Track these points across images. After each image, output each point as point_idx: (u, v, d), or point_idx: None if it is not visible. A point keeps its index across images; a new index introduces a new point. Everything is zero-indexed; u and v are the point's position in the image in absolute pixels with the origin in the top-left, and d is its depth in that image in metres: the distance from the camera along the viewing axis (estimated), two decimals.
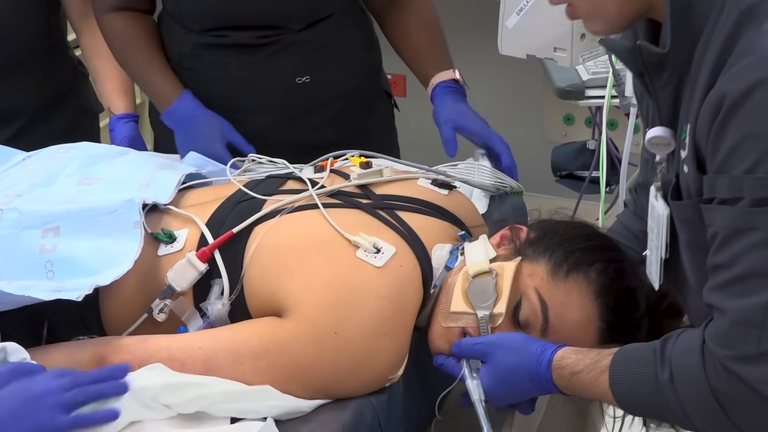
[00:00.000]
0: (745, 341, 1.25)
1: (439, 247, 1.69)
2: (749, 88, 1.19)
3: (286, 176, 1.82)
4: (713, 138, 1.25)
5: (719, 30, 1.26)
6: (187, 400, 1.48)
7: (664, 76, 1.36)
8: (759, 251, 1.23)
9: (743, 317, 1.25)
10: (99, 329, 1.67)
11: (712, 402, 1.30)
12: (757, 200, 1.22)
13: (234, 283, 1.62)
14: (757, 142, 1.20)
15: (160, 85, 2.19)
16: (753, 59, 1.20)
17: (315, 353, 1.53)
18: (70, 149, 1.91)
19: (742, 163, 1.22)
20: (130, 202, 1.67)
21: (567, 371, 1.48)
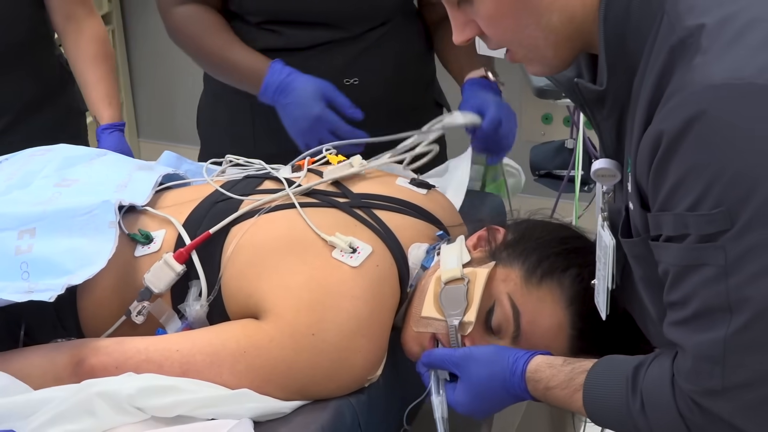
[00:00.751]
0: (709, 377, 1.24)
1: (415, 246, 1.69)
2: (685, 125, 1.18)
3: (263, 176, 1.81)
4: (653, 176, 1.24)
5: (653, 64, 1.25)
6: (166, 405, 1.48)
7: (605, 111, 1.35)
8: (711, 287, 1.22)
9: (703, 354, 1.25)
10: (77, 331, 1.67)
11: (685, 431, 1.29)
12: (703, 236, 1.21)
13: (212, 285, 1.62)
14: (697, 178, 1.19)
15: (245, 64, 2.13)
16: (685, 95, 1.19)
17: (293, 355, 1.53)
18: (47, 151, 1.90)
19: (684, 201, 1.21)
20: (106, 203, 1.67)
21: (541, 385, 1.47)
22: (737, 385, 1.23)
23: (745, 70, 1.16)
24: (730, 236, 1.18)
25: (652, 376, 1.33)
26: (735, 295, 1.20)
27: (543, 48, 1.34)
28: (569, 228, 1.69)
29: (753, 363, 1.22)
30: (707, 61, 1.19)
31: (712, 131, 1.17)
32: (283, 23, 2.11)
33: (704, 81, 1.18)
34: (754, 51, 1.18)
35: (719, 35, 1.20)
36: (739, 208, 1.17)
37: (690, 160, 1.19)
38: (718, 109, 1.17)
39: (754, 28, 1.20)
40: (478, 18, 1.34)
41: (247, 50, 2.14)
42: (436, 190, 1.88)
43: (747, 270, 1.19)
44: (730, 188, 1.17)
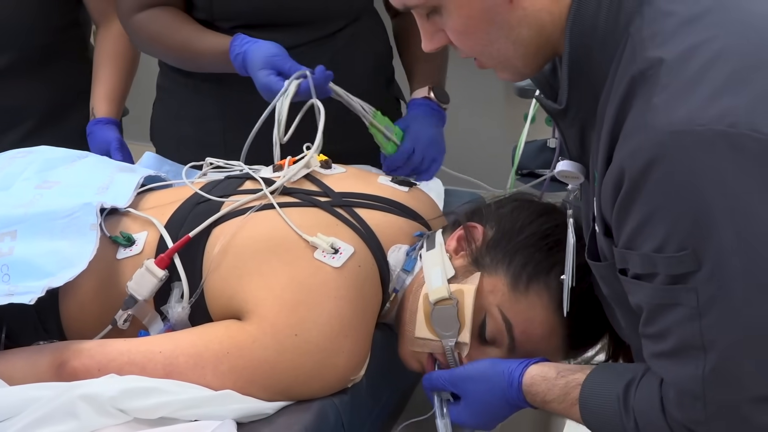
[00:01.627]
0: (692, 409, 1.26)
1: (395, 248, 1.68)
2: (646, 168, 1.19)
3: (244, 177, 1.81)
4: (617, 214, 1.25)
5: (616, 88, 1.26)
6: (149, 407, 1.48)
7: (567, 120, 1.36)
8: (686, 326, 1.23)
9: (684, 388, 1.26)
10: (59, 334, 1.66)
11: None
12: (672, 276, 1.22)
13: (194, 286, 1.62)
14: (660, 222, 1.20)
15: (208, 46, 2.07)
16: (645, 138, 1.19)
17: (275, 356, 1.52)
18: (28, 153, 1.89)
19: (649, 243, 1.22)
20: (88, 205, 1.66)
21: (539, 398, 1.49)
22: (719, 418, 1.25)
23: (705, 116, 1.17)
24: (701, 279, 1.20)
25: (642, 396, 1.35)
26: (709, 335, 1.21)
27: (513, 59, 1.35)
28: (550, 213, 1.66)
29: (730, 394, 1.23)
30: (668, 102, 1.19)
31: (672, 177, 1.18)
32: (256, 27, 2.07)
33: (665, 125, 1.18)
34: (716, 93, 1.18)
35: (680, 72, 1.20)
36: (704, 251, 1.19)
37: (652, 203, 1.20)
38: (679, 155, 1.17)
39: (717, 64, 1.20)
40: (447, 30, 1.35)
41: (209, 36, 2.09)
42: (418, 188, 1.88)
43: (717, 313, 1.20)
44: (693, 232, 1.19)
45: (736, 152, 1.16)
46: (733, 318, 1.20)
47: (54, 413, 1.45)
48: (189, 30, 2.10)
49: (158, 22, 2.11)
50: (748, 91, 1.18)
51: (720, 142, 1.16)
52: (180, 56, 2.13)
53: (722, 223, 1.17)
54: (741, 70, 1.20)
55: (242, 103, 2.08)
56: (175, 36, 2.10)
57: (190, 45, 2.09)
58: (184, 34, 2.09)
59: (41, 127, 2.31)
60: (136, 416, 1.48)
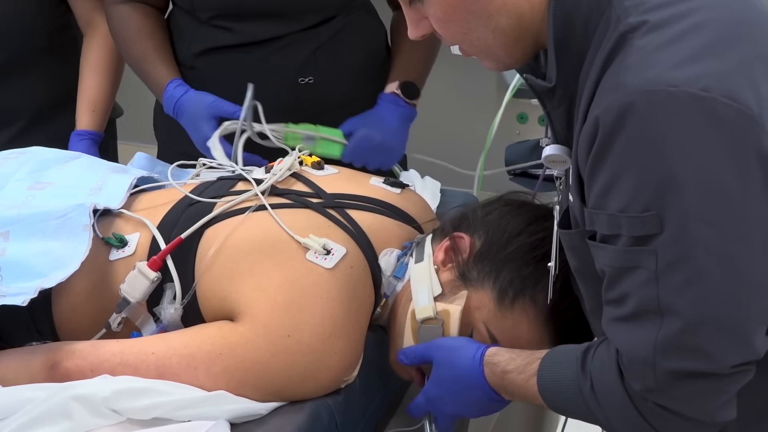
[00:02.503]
0: (643, 377, 1.27)
1: (387, 251, 1.68)
2: (618, 122, 1.19)
3: (237, 177, 1.81)
4: (590, 168, 1.25)
5: (599, 57, 1.26)
6: (142, 407, 1.47)
7: (554, 101, 1.37)
8: (644, 289, 1.23)
9: (636, 355, 1.26)
10: (52, 335, 1.66)
11: (635, 414, 1.31)
12: (635, 238, 1.22)
13: (186, 287, 1.62)
14: (628, 180, 1.20)
15: (153, 74, 2.13)
16: (620, 94, 1.19)
17: (268, 356, 1.52)
18: (21, 154, 1.89)
19: (616, 201, 1.22)
20: (81, 206, 1.66)
21: (499, 368, 1.49)
22: (669, 386, 1.25)
23: (678, 77, 1.17)
24: (662, 242, 1.20)
25: (600, 358, 1.35)
26: (665, 301, 1.21)
27: (494, 47, 1.36)
28: (539, 220, 1.64)
29: (679, 366, 1.23)
30: (643, 61, 1.19)
31: (641, 136, 1.18)
32: (233, 18, 2.08)
33: (638, 83, 1.18)
34: (692, 57, 1.18)
35: (659, 34, 1.21)
36: (668, 214, 1.18)
37: (620, 161, 1.20)
38: (649, 114, 1.17)
39: (697, 31, 1.20)
40: (429, 17, 1.36)
41: (159, 62, 2.13)
42: (410, 189, 1.89)
43: (675, 278, 1.20)
44: (657, 193, 1.18)
45: (707, 117, 1.16)
46: (690, 285, 1.20)
47: (47, 414, 1.45)
48: (149, 47, 2.13)
49: (130, 25, 2.14)
50: (726, 59, 1.19)
51: (691, 105, 1.16)
52: (134, 68, 2.18)
53: (687, 188, 1.17)
54: (720, 40, 1.20)
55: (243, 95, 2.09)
56: (135, 47, 2.14)
57: (142, 64, 2.14)
58: (142, 49, 2.13)
59: (30, 128, 2.31)
60: (130, 417, 1.48)
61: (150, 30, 2.15)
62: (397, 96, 2.12)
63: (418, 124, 2.14)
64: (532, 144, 2.95)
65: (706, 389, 1.25)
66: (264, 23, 2.07)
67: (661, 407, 1.27)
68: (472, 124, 3.41)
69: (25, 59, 2.27)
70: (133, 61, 2.17)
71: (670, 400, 1.27)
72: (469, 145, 2.41)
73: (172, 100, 2.08)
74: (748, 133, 1.16)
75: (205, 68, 2.13)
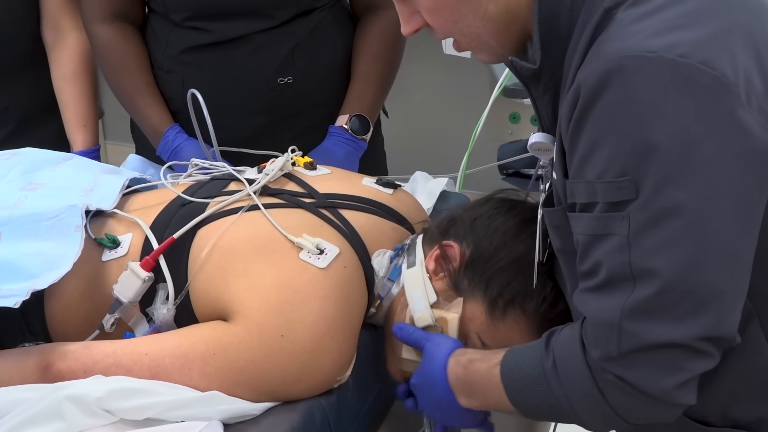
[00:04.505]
0: (606, 343, 1.26)
1: (380, 252, 1.68)
2: (598, 89, 1.20)
3: (229, 178, 1.81)
4: (570, 138, 1.26)
5: (585, 37, 1.28)
6: (135, 407, 1.48)
7: (540, 87, 1.37)
8: (616, 256, 1.23)
9: (602, 319, 1.26)
10: (45, 335, 1.66)
11: (594, 390, 1.30)
12: (609, 204, 1.23)
13: (179, 288, 1.62)
14: (605, 146, 1.21)
15: (148, 115, 2.15)
16: (597, 63, 1.21)
17: (262, 356, 1.52)
18: (13, 155, 1.89)
19: (595, 168, 1.23)
20: (73, 207, 1.66)
21: (465, 357, 1.50)
22: (630, 354, 1.25)
23: (655, 44, 1.18)
24: (635, 206, 1.20)
25: (563, 335, 1.36)
26: (637, 266, 1.22)
27: (484, 37, 1.37)
28: (528, 222, 1.61)
29: (644, 332, 1.23)
30: (622, 31, 1.21)
31: (618, 101, 1.19)
32: (207, 17, 2.08)
33: (617, 50, 1.20)
34: (669, 26, 1.20)
35: (642, 6, 1.23)
36: (642, 179, 1.19)
37: (599, 125, 1.21)
38: (627, 79, 1.19)
39: (676, 4, 1.22)
40: (420, 8, 1.37)
41: (154, 102, 2.15)
42: (402, 189, 1.89)
43: (646, 243, 1.21)
44: (634, 158, 1.19)
45: (683, 82, 1.17)
46: (661, 250, 1.20)
47: (40, 414, 1.45)
48: (141, 83, 2.16)
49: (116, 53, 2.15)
50: (703, 29, 1.20)
51: (669, 70, 1.17)
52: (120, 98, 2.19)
53: (662, 152, 1.18)
54: (698, 11, 1.22)
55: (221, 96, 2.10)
56: (125, 80, 2.16)
57: (133, 99, 2.16)
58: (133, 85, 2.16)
59: (19, 131, 2.29)
60: (123, 417, 1.48)
61: (137, 62, 2.16)
62: (344, 130, 2.15)
63: (411, 124, 2.15)
64: (525, 144, 2.95)
65: (665, 361, 1.24)
66: (238, 21, 2.08)
67: (620, 379, 1.27)
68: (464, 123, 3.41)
69: (11, 63, 2.26)
70: (122, 92, 2.18)
71: (629, 370, 1.26)
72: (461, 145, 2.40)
73: (170, 145, 2.11)
74: (724, 100, 1.17)
75: (183, 70, 2.14)
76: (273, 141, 2.08)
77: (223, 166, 1.85)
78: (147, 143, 2.20)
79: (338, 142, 2.13)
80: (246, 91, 2.11)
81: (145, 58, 2.17)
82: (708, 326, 1.22)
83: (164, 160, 2.10)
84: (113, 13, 2.14)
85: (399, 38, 2.23)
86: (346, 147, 2.13)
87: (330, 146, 2.13)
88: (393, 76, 2.24)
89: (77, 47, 2.27)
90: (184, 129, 2.13)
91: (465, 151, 2.20)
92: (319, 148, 2.12)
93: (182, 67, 2.13)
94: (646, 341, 1.23)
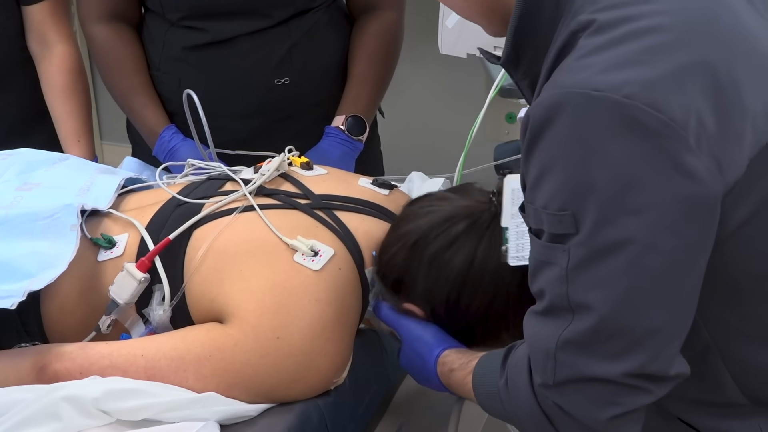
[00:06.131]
0: (544, 371, 1.27)
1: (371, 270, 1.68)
2: (541, 125, 1.18)
3: (225, 178, 1.81)
4: (522, 167, 1.26)
5: (554, 50, 1.26)
6: (132, 408, 1.48)
7: (519, 73, 1.36)
8: (556, 286, 1.23)
9: (540, 346, 1.27)
10: (41, 336, 1.66)
11: (539, 412, 1.31)
12: (554, 235, 1.22)
13: (175, 289, 1.61)
14: (550, 178, 1.20)
15: (144, 116, 2.16)
16: (547, 95, 1.19)
17: (257, 358, 1.52)
18: (8, 155, 1.88)
19: (540, 198, 1.22)
20: (69, 207, 1.66)
21: (446, 368, 1.52)
22: (564, 385, 1.25)
23: (603, 82, 1.15)
24: (575, 242, 1.19)
25: (518, 354, 1.36)
26: (574, 299, 1.21)
27: (475, 16, 1.37)
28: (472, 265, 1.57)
29: (576, 364, 1.23)
30: (577, 63, 1.18)
31: (561, 137, 1.17)
32: (203, 17, 2.08)
33: (567, 84, 1.17)
34: (623, 62, 1.16)
35: (599, 36, 1.19)
36: (582, 216, 1.18)
37: (544, 159, 1.20)
38: (571, 116, 1.16)
39: (638, 36, 1.18)
40: None
41: (150, 103, 2.16)
42: (398, 190, 1.88)
43: (584, 278, 1.20)
44: (575, 194, 1.18)
45: (627, 123, 1.14)
46: (596, 288, 1.20)
47: (36, 415, 1.45)
48: (137, 83, 2.16)
49: (113, 52, 2.15)
50: (658, 66, 1.16)
51: (612, 111, 1.14)
52: (116, 98, 2.19)
53: (601, 192, 1.16)
54: (659, 45, 1.17)
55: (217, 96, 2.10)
56: (122, 80, 2.16)
57: (129, 100, 2.16)
58: (129, 85, 2.16)
59: (8, 140, 2.27)
60: (119, 418, 1.48)
61: (134, 63, 2.16)
62: (341, 131, 2.15)
63: (407, 124, 2.15)
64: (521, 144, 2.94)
65: (595, 395, 1.24)
66: (234, 21, 2.08)
67: (558, 407, 1.27)
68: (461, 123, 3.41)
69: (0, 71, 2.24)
70: (118, 92, 2.18)
71: (564, 400, 1.26)
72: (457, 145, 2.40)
73: (166, 146, 2.12)
74: (668, 144, 1.14)
75: (179, 71, 2.13)
76: (269, 141, 2.08)
77: (219, 167, 1.85)
78: (143, 144, 2.20)
79: (334, 142, 2.13)
80: (242, 92, 2.10)
81: (142, 58, 2.17)
82: (638, 365, 1.21)
83: (160, 160, 2.10)
84: (110, 14, 2.14)
85: (395, 39, 2.23)
86: (342, 148, 2.13)
87: (326, 147, 2.13)
88: (389, 76, 2.24)
89: (65, 60, 2.24)
90: (181, 129, 2.13)
91: (461, 152, 2.20)
92: (315, 149, 2.12)
93: (178, 68, 2.13)
94: (577, 374, 1.23)
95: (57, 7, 2.23)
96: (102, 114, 3.90)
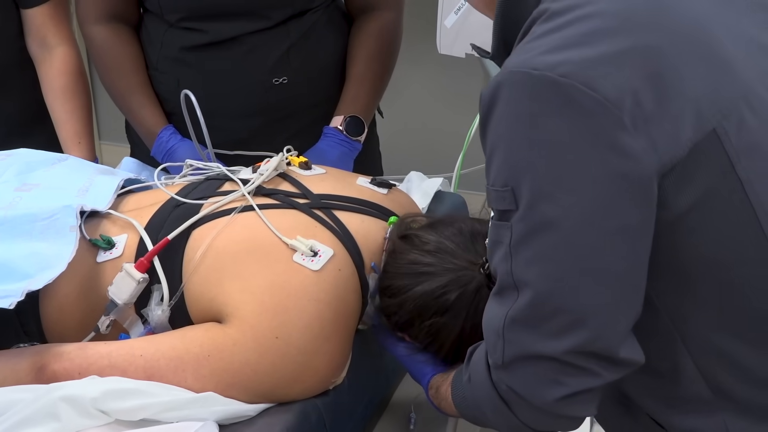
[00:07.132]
0: (494, 350, 1.28)
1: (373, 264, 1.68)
2: (487, 104, 1.22)
3: (224, 178, 1.81)
4: (482, 147, 1.28)
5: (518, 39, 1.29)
6: (130, 408, 1.48)
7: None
8: (503, 265, 1.25)
9: (491, 326, 1.28)
10: (40, 336, 1.66)
11: (498, 400, 1.32)
12: (499, 212, 1.24)
13: (174, 289, 1.61)
14: (493, 156, 1.23)
15: (142, 116, 2.16)
16: (496, 75, 1.22)
17: (256, 358, 1.53)
18: (7, 156, 1.88)
19: (489, 176, 1.25)
20: (68, 208, 1.66)
21: (433, 390, 1.56)
22: (512, 364, 1.26)
23: (541, 62, 1.17)
24: (516, 218, 1.21)
25: (478, 350, 1.38)
26: (516, 276, 1.23)
27: (484, 9, 1.39)
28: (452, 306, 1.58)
29: (521, 341, 1.24)
30: (523, 46, 1.22)
31: (502, 115, 1.20)
32: (201, 18, 2.08)
33: (510, 65, 1.20)
34: (563, 45, 1.19)
35: (552, 22, 1.22)
36: (520, 192, 1.20)
37: (493, 136, 1.23)
38: (510, 95, 1.19)
39: (581, 21, 1.20)
40: None
41: (148, 103, 2.16)
42: (397, 189, 1.89)
43: (523, 254, 1.22)
44: (514, 171, 1.20)
45: (562, 101, 1.16)
46: (535, 263, 1.21)
47: (35, 415, 1.45)
48: (135, 83, 2.16)
49: (111, 52, 2.15)
50: (598, 47, 1.18)
51: (547, 89, 1.17)
52: (115, 98, 2.19)
53: (538, 167, 1.18)
54: (601, 29, 1.20)
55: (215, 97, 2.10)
56: (120, 80, 2.16)
57: (127, 100, 2.16)
58: (127, 85, 2.16)
59: (8, 141, 2.27)
60: (118, 417, 1.48)
61: (132, 63, 2.16)
62: (339, 131, 2.15)
63: (406, 124, 2.15)
64: None
65: (542, 373, 1.25)
66: (232, 22, 2.08)
67: (510, 389, 1.28)
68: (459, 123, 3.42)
69: None
70: (116, 93, 2.18)
71: (513, 380, 1.27)
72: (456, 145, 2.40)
73: (164, 146, 2.11)
74: (602, 123, 1.16)
75: (177, 71, 2.13)
76: (268, 142, 2.08)
77: (217, 167, 1.85)
78: (142, 144, 2.21)
79: (333, 143, 2.13)
80: (241, 92, 2.10)
81: (140, 58, 2.17)
82: (580, 342, 1.21)
83: (158, 161, 2.11)
84: (108, 14, 2.14)
85: (394, 39, 2.23)
86: (340, 148, 2.13)
87: (324, 147, 2.13)
88: (388, 76, 2.24)
89: (66, 62, 2.24)
90: (179, 130, 2.13)
91: (460, 151, 2.21)
92: (314, 149, 2.12)
93: (177, 68, 2.13)
94: (523, 351, 1.24)
95: (57, 9, 2.23)
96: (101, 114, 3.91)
